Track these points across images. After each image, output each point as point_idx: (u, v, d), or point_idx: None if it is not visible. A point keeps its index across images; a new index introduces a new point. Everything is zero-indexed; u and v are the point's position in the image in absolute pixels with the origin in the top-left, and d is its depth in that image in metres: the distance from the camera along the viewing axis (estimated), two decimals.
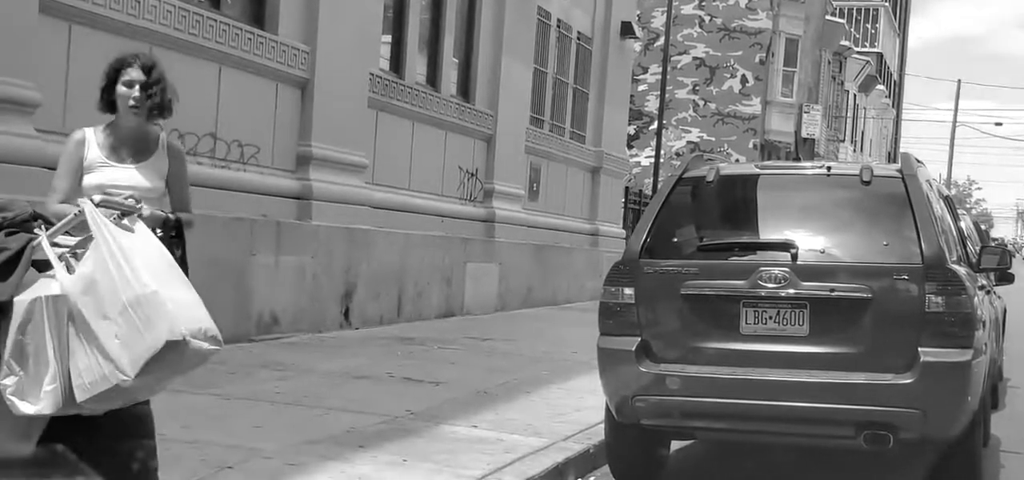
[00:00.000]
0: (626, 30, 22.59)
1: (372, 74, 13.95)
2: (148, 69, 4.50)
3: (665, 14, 29.41)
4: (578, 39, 21.15)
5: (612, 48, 22.27)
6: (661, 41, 33.66)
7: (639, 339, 6.53)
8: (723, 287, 6.43)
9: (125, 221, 3.92)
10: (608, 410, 6.87)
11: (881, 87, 59.14)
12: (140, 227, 3.96)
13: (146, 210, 4.26)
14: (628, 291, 6.61)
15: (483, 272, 16.98)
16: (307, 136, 12.70)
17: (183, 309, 3.65)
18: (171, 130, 10.73)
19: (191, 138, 10.98)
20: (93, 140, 4.57)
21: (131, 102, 4.46)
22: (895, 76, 67.77)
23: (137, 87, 4.47)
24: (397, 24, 15.03)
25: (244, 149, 11.81)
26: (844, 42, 48.64)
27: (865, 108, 57.34)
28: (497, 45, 17.34)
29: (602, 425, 7.36)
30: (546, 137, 19.87)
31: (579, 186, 21.66)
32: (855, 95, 53.68)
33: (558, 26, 20.16)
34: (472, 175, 17.15)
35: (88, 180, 4.45)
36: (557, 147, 20.39)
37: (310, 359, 10.37)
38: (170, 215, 4.48)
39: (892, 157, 62.62)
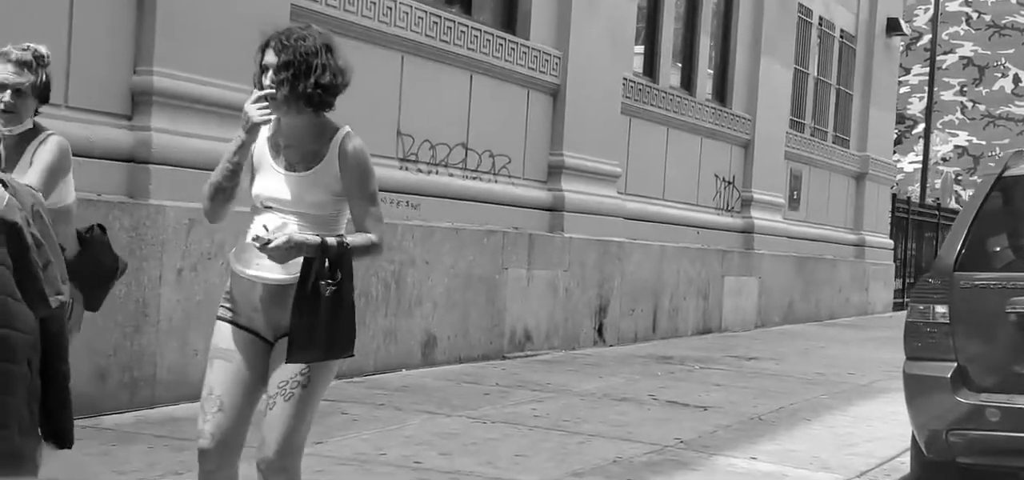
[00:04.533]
0: (892, 27, 21.22)
1: (625, 79, 13.34)
2: (280, 50, 3.59)
3: (929, 11, 27.63)
4: (841, 37, 19.94)
5: (878, 46, 20.92)
6: (924, 40, 31.77)
7: (955, 364, 5.68)
8: None
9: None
10: (915, 444, 6.02)
11: None
12: None
13: (294, 231, 3.54)
14: (941, 309, 5.73)
15: (741, 286, 16.08)
16: (559, 145, 12.22)
17: None
18: (422, 142, 10.52)
19: (443, 149, 10.66)
20: (265, 132, 3.73)
21: (266, 92, 3.62)
22: None
23: (269, 73, 3.61)
24: (651, 25, 14.37)
25: (495, 160, 11.42)
26: None
27: None
28: (755, 45, 16.42)
29: (901, 459, 6.64)
30: (807, 142, 18.76)
31: (843, 193, 20.39)
32: None
33: (820, 24, 19.02)
34: (729, 183, 16.29)
35: (255, 185, 3.74)
36: (819, 152, 19.23)
37: (565, 378, 9.82)
38: (331, 240, 3.55)
39: None
